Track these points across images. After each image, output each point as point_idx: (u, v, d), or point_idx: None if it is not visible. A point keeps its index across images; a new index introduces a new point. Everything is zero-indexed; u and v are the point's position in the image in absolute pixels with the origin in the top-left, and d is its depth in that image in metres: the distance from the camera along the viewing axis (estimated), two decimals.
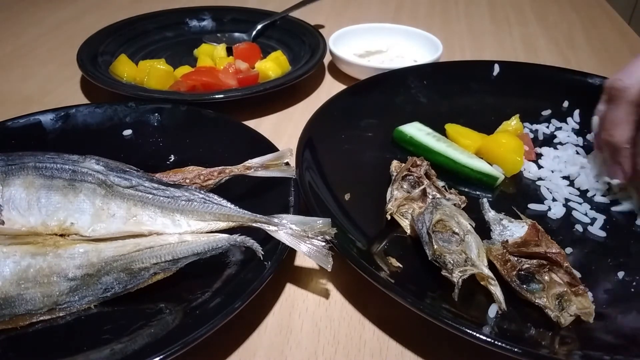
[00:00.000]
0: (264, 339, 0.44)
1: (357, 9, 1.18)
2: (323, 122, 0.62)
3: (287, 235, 0.44)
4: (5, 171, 0.45)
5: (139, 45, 0.90)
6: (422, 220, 0.47)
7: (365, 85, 0.71)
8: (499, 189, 0.59)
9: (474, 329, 0.38)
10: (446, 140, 0.63)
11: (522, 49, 0.99)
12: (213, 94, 0.70)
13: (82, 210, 0.45)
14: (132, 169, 0.47)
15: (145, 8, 1.00)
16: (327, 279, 0.49)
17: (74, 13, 1.11)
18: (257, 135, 0.59)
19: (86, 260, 0.43)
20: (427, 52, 0.88)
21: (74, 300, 0.42)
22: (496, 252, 0.46)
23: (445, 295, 0.42)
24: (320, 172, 0.56)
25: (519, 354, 0.37)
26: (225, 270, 0.46)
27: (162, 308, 0.42)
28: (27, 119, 0.61)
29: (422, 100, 0.73)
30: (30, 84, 0.83)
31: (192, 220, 0.45)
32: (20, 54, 0.93)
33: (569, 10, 1.17)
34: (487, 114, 0.69)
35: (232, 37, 0.94)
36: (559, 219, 0.54)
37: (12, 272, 0.41)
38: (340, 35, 0.89)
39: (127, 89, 0.71)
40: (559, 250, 0.44)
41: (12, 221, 0.44)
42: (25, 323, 0.41)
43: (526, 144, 0.62)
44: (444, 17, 1.14)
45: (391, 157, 0.60)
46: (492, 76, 0.76)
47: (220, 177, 0.51)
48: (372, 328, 0.45)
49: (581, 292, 0.42)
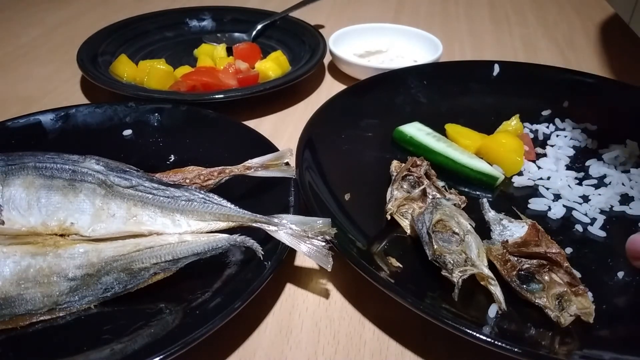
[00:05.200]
0: (264, 339, 0.44)
1: (357, 9, 1.18)
2: (323, 122, 0.62)
3: (287, 235, 0.44)
4: (5, 171, 0.45)
5: (139, 45, 0.90)
6: (422, 220, 0.47)
7: (365, 85, 0.71)
8: (499, 189, 0.59)
9: (474, 329, 0.38)
10: (446, 140, 0.63)
11: (522, 49, 0.99)
12: (213, 94, 0.70)
13: (82, 210, 0.45)
14: (132, 169, 0.47)
15: (145, 8, 1.00)
16: (327, 279, 0.49)
17: (74, 13, 1.11)
18: (257, 135, 0.59)
19: (86, 260, 0.43)
20: (427, 52, 0.88)
21: (74, 300, 0.42)
22: (496, 252, 0.46)
23: (445, 295, 0.42)
24: (320, 172, 0.55)
25: (519, 354, 0.37)
26: (225, 270, 0.46)
27: (162, 308, 0.42)
28: (27, 119, 0.61)
29: (422, 100, 0.73)
30: (30, 84, 0.83)
31: (192, 220, 0.45)
32: (20, 54, 0.93)
33: (569, 10, 1.17)
34: (487, 114, 0.69)
35: (232, 37, 0.94)
36: (559, 219, 0.54)
37: (12, 272, 0.41)
38: (340, 35, 0.89)
39: (127, 89, 0.71)
40: (559, 250, 0.44)
41: (12, 221, 0.44)
42: (25, 323, 0.41)
43: (526, 144, 0.62)
44: (444, 17, 1.14)
45: (391, 157, 0.60)
46: (492, 76, 0.76)
47: (220, 177, 0.51)
48: (372, 328, 0.45)
49: (581, 292, 0.42)
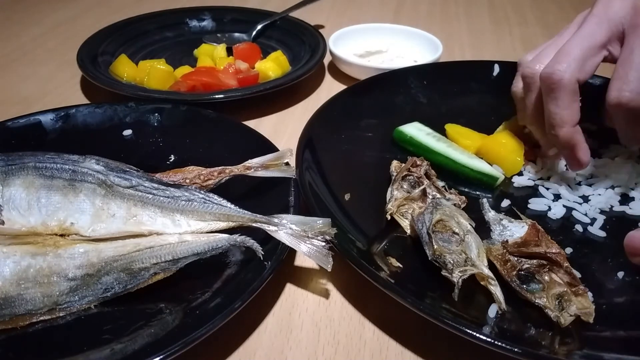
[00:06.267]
0: (264, 339, 0.44)
1: (357, 9, 1.18)
2: (323, 122, 0.62)
3: (287, 235, 0.44)
4: (5, 171, 0.45)
5: (139, 45, 0.90)
6: (422, 220, 0.47)
7: (365, 85, 0.71)
8: (499, 189, 0.59)
9: (474, 329, 0.38)
10: (446, 140, 0.63)
11: (522, 49, 0.99)
12: (213, 94, 0.70)
13: (82, 210, 0.45)
14: (132, 169, 0.47)
15: (145, 8, 1.00)
16: (327, 279, 0.49)
17: (74, 13, 1.11)
18: (257, 135, 0.59)
19: (86, 260, 0.43)
20: (427, 52, 0.88)
21: (74, 300, 0.42)
22: (496, 252, 0.46)
23: (445, 295, 0.42)
24: (320, 172, 0.55)
25: (519, 354, 0.37)
26: (225, 270, 0.46)
27: (162, 308, 0.42)
28: (27, 119, 0.61)
29: (422, 100, 0.72)
30: (30, 84, 0.83)
31: (192, 220, 0.45)
32: (20, 54, 0.93)
33: (569, 10, 1.17)
34: (487, 114, 0.69)
35: (232, 37, 0.95)
36: (559, 219, 0.54)
37: (12, 272, 0.41)
38: (340, 36, 0.89)
39: (127, 89, 0.71)
40: (559, 250, 0.44)
41: (12, 221, 0.44)
42: (25, 323, 0.41)
43: (526, 144, 0.62)
44: (444, 17, 1.14)
45: (391, 157, 0.60)
46: (492, 76, 0.76)
47: (220, 177, 0.51)
48: (372, 328, 0.45)
49: (581, 292, 0.42)
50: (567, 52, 0.52)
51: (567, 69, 0.51)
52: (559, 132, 0.53)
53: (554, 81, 0.51)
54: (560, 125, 0.53)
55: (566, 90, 0.51)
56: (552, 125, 0.53)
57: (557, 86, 0.51)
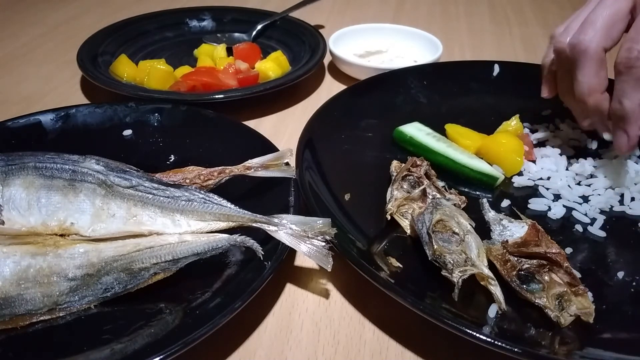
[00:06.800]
0: (264, 339, 0.44)
1: (357, 9, 1.18)
2: (323, 122, 0.62)
3: (287, 235, 0.44)
4: (5, 171, 0.45)
5: (139, 45, 0.90)
6: (422, 220, 0.47)
7: (365, 85, 0.71)
8: (499, 189, 0.59)
9: (474, 329, 0.38)
10: (446, 140, 0.63)
11: (522, 49, 0.99)
12: (213, 94, 0.70)
13: (82, 210, 0.45)
14: (132, 169, 0.47)
15: (145, 8, 1.00)
16: (327, 279, 0.49)
17: (74, 13, 1.11)
18: (257, 135, 0.59)
19: (86, 260, 0.43)
20: (427, 52, 0.88)
21: (74, 300, 0.42)
22: (496, 252, 0.46)
23: (445, 295, 0.42)
24: (320, 172, 0.56)
25: (519, 354, 0.37)
26: (225, 270, 0.46)
27: (162, 308, 0.42)
28: (27, 119, 0.61)
29: (422, 100, 0.73)
30: (30, 84, 0.83)
31: (192, 220, 0.45)
32: (20, 54, 0.93)
33: (569, 10, 1.17)
34: (487, 114, 0.69)
35: (232, 37, 0.95)
36: (559, 219, 0.54)
37: (12, 272, 0.41)
38: (340, 36, 0.89)
39: (127, 89, 0.71)
40: (559, 250, 0.44)
41: (12, 221, 0.44)
42: (25, 323, 0.41)
43: (526, 144, 0.62)
44: (444, 17, 1.14)
45: (391, 157, 0.60)
46: (492, 76, 0.76)
47: (220, 177, 0.51)
48: (372, 328, 0.45)
49: (581, 292, 0.42)
50: (592, 22, 0.53)
51: (592, 39, 0.52)
52: (588, 100, 0.54)
53: (580, 51, 0.52)
54: (588, 93, 0.54)
55: (592, 59, 0.52)
56: (581, 94, 0.54)
57: (583, 56, 0.52)
